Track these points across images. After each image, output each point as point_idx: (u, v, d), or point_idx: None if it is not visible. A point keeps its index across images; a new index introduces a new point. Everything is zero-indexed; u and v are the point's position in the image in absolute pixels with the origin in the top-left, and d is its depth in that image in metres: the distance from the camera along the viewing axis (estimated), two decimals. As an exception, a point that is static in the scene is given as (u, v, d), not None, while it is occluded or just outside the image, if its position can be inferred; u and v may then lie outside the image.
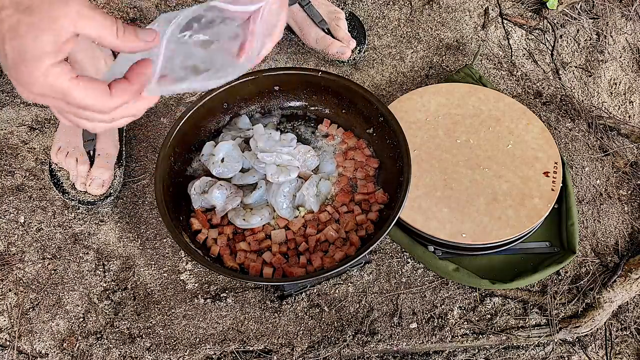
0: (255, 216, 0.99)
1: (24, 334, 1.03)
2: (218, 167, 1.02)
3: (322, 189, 1.05)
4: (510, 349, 1.04)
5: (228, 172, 1.03)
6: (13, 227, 1.13)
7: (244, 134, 1.09)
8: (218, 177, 1.03)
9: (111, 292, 1.07)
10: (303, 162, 1.04)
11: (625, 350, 1.05)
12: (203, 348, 1.02)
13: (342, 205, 1.03)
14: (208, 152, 1.05)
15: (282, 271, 0.97)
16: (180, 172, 1.06)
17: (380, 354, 1.03)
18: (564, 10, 1.41)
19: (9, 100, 1.29)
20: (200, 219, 1.01)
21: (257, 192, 1.02)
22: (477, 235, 1.02)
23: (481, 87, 1.21)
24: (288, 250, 1.00)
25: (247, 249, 0.99)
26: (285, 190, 1.01)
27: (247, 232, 1.01)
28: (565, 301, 1.07)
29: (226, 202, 1.00)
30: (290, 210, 1.02)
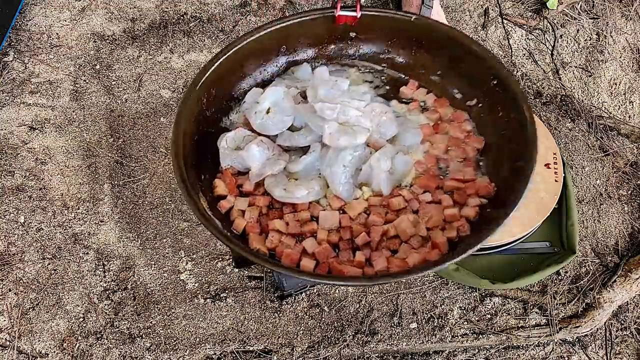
0: (301, 188, 0.75)
1: (24, 334, 1.03)
2: (261, 118, 0.78)
3: (399, 166, 0.78)
4: (510, 349, 1.04)
5: (273, 127, 0.79)
6: (13, 227, 1.13)
7: (301, 85, 0.84)
8: (259, 131, 0.80)
9: (111, 292, 1.07)
10: (376, 125, 0.79)
11: (625, 350, 1.05)
12: (203, 348, 1.02)
13: (425, 192, 0.78)
14: (252, 99, 0.81)
15: (328, 267, 0.72)
16: (214, 121, 0.82)
17: (380, 354, 1.02)
18: (564, 10, 1.41)
19: (9, 100, 1.29)
20: (227, 181, 0.77)
21: (308, 158, 0.77)
22: None
23: None
24: (340, 241, 0.75)
25: (283, 229, 0.75)
26: (347, 160, 0.76)
27: (286, 208, 0.77)
28: (565, 301, 1.07)
29: (265, 164, 0.76)
30: (349, 188, 0.77)
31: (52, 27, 1.41)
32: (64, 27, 1.41)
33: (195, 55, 1.38)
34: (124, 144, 1.25)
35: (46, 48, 1.37)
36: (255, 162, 0.77)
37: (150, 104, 1.31)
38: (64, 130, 1.26)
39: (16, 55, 1.36)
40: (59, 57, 1.36)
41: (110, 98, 1.32)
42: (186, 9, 1.44)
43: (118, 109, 1.30)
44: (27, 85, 1.32)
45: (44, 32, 1.40)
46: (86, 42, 1.39)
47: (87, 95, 1.31)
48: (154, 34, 1.41)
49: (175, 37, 1.41)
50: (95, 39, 1.39)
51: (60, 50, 1.37)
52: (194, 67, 1.36)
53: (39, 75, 1.33)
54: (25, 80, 1.32)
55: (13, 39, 1.38)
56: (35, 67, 1.34)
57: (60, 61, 1.36)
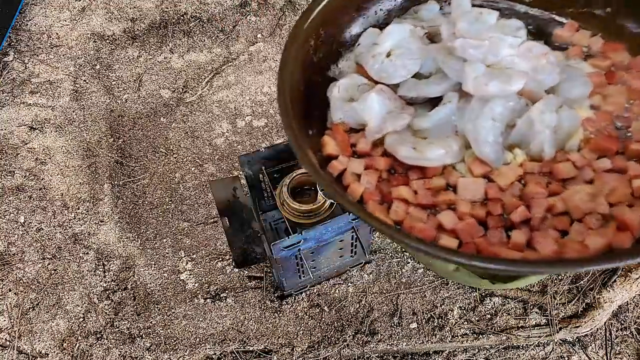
0: (435, 147, 0.58)
1: (24, 334, 1.03)
2: (380, 62, 0.63)
3: (564, 122, 0.60)
4: (510, 349, 1.03)
5: (395, 74, 0.63)
6: (13, 227, 1.13)
7: (427, 26, 0.68)
8: (377, 79, 0.65)
9: (111, 292, 1.07)
10: (532, 70, 0.61)
11: (625, 350, 1.05)
12: (203, 348, 1.02)
13: (601, 157, 0.60)
14: (369, 40, 0.66)
15: (476, 248, 0.56)
16: (321, 69, 0.68)
17: (380, 354, 1.02)
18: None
19: (9, 100, 1.29)
20: (339, 139, 0.62)
21: (443, 110, 0.60)
22: None
23: None
24: (488, 217, 0.58)
25: (411, 199, 0.59)
26: (497, 112, 0.58)
27: (412, 173, 0.61)
28: (565, 301, 1.07)
29: (386, 118, 0.61)
30: (498, 149, 0.59)
31: (52, 27, 1.41)
32: (64, 27, 1.41)
33: (195, 55, 1.38)
34: (124, 144, 1.25)
35: (46, 48, 1.37)
36: (374, 116, 0.61)
37: (150, 104, 1.31)
38: (64, 130, 1.26)
39: (16, 55, 1.36)
40: (59, 57, 1.36)
41: (110, 98, 1.32)
42: (186, 9, 1.44)
43: (118, 109, 1.30)
44: (27, 85, 1.32)
45: (44, 32, 1.40)
46: (86, 42, 1.39)
47: (87, 95, 1.31)
48: (154, 34, 1.41)
49: (175, 37, 1.41)
50: (95, 39, 1.39)
51: (60, 50, 1.37)
52: (193, 67, 1.36)
53: (39, 75, 1.33)
54: (25, 80, 1.32)
55: (13, 39, 1.38)
56: (35, 67, 1.34)
57: (60, 61, 1.36)
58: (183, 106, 1.30)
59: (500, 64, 0.59)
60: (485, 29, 0.61)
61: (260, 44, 1.39)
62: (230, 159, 1.22)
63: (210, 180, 1.19)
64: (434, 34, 0.66)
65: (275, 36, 1.40)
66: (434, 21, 0.67)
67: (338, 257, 1.01)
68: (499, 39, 0.59)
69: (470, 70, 0.57)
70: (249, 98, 1.31)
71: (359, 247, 0.99)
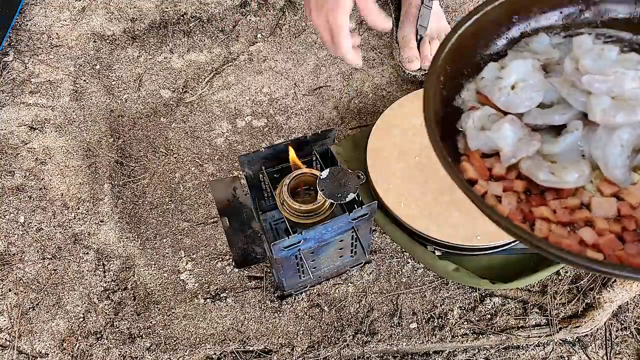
0: (571, 171, 0.65)
1: (24, 334, 1.03)
2: (506, 94, 0.70)
3: None
4: (510, 349, 1.04)
5: (521, 104, 0.71)
6: (13, 227, 1.13)
7: (543, 58, 0.75)
8: (504, 109, 0.72)
9: (111, 292, 1.07)
10: None
11: (625, 350, 1.05)
12: (203, 348, 1.02)
13: None
14: (492, 74, 0.73)
15: (618, 260, 0.63)
16: (448, 100, 0.76)
17: (380, 354, 1.02)
18: (564, 10, 1.41)
19: (9, 100, 1.29)
20: (476, 164, 0.70)
21: (570, 137, 0.67)
22: (492, 235, 1.01)
23: None
24: (624, 232, 0.65)
25: (552, 217, 0.66)
26: (624, 139, 0.65)
27: (548, 194, 0.68)
28: (565, 301, 1.07)
29: (518, 145, 0.69)
30: (625, 172, 0.66)
31: (52, 27, 1.41)
32: (64, 27, 1.41)
33: (195, 55, 1.38)
34: (124, 144, 1.25)
35: (46, 48, 1.37)
36: (509, 143, 0.68)
37: (150, 104, 1.31)
38: (64, 130, 1.26)
39: (16, 55, 1.36)
40: (59, 57, 1.36)
41: (110, 98, 1.32)
42: (186, 9, 1.44)
43: (118, 109, 1.30)
44: (27, 85, 1.32)
45: (44, 32, 1.40)
46: (86, 42, 1.39)
47: (87, 95, 1.31)
48: (154, 34, 1.41)
49: (175, 37, 1.41)
50: (95, 39, 1.39)
51: (60, 50, 1.37)
52: (193, 67, 1.36)
53: (39, 75, 1.33)
54: (25, 80, 1.32)
55: (13, 39, 1.38)
56: (35, 67, 1.34)
57: (60, 61, 1.36)
58: (183, 106, 1.30)
59: (624, 95, 0.65)
60: (608, 65, 0.67)
61: (260, 44, 1.39)
62: (230, 159, 1.22)
63: (210, 180, 1.19)
64: (547, 65, 0.73)
65: (275, 36, 1.40)
66: (548, 53, 0.74)
67: (338, 257, 1.01)
68: (622, 73, 0.66)
69: (597, 103, 0.65)
70: (249, 98, 1.31)
71: (359, 247, 0.99)
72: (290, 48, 1.38)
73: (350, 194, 0.87)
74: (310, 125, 1.27)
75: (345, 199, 0.87)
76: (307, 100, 1.31)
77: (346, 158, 1.18)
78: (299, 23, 1.42)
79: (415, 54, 1.25)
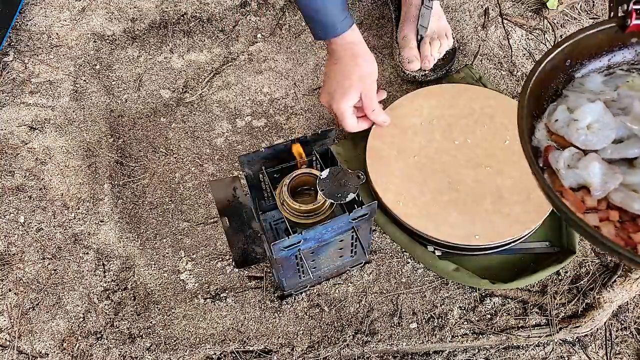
0: None
1: (24, 334, 1.03)
2: (584, 135, 0.80)
3: None
4: (510, 349, 1.04)
5: (598, 142, 0.81)
6: (13, 227, 1.13)
7: (603, 98, 0.86)
8: (583, 148, 0.82)
9: (111, 292, 1.07)
10: None
11: (625, 350, 1.05)
12: (203, 348, 1.02)
13: None
14: (564, 117, 0.83)
15: None
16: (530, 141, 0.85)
17: (380, 354, 1.02)
18: (564, 10, 1.41)
19: (9, 100, 1.29)
20: (571, 199, 0.79)
21: None
22: (490, 235, 1.01)
23: (469, 85, 1.21)
24: None
25: None
26: None
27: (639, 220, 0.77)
28: (565, 301, 1.07)
29: (604, 178, 0.78)
30: None
31: (52, 27, 1.41)
32: (64, 27, 1.41)
33: (195, 55, 1.38)
34: (124, 144, 1.25)
35: (46, 48, 1.37)
36: (597, 179, 0.78)
37: (150, 104, 1.31)
38: (64, 130, 1.26)
39: (16, 55, 1.36)
40: (59, 57, 1.36)
41: (110, 98, 1.32)
42: (186, 9, 1.44)
43: (118, 109, 1.30)
44: (27, 85, 1.32)
45: (44, 32, 1.40)
46: (86, 42, 1.39)
47: (87, 95, 1.31)
48: (154, 34, 1.41)
49: (175, 37, 1.41)
50: (95, 39, 1.39)
51: (60, 50, 1.37)
52: (193, 67, 1.36)
53: (39, 75, 1.33)
54: (25, 80, 1.32)
55: (13, 39, 1.38)
56: (35, 67, 1.34)
57: (60, 61, 1.36)
58: (183, 106, 1.30)
59: None
60: None
61: (260, 44, 1.39)
62: (230, 159, 1.22)
63: (210, 180, 1.19)
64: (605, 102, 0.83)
65: (275, 36, 1.40)
66: (602, 92, 0.85)
67: (338, 257, 1.01)
68: None
69: None
70: (249, 98, 1.31)
71: (359, 247, 0.99)
72: (290, 48, 1.38)
73: (350, 194, 0.87)
74: (310, 125, 1.27)
75: (345, 199, 0.87)
76: (307, 100, 1.31)
77: (346, 158, 1.18)
78: (299, 23, 1.42)
79: (416, 54, 1.25)
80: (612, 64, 0.90)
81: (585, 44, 0.86)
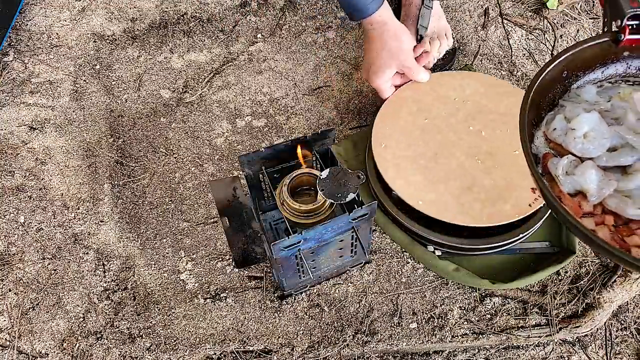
0: None
1: (24, 334, 1.03)
2: (581, 143, 0.86)
3: None
4: (510, 349, 1.04)
5: (594, 150, 0.86)
6: (13, 227, 1.13)
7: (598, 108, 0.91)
8: (580, 155, 0.86)
9: (111, 292, 1.07)
10: None
11: (625, 350, 1.05)
12: (203, 348, 1.02)
13: None
14: (561, 126, 0.88)
15: None
16: None
17: (380, 354, 1.02)
18: (564, 10, 1.41)
19: (9, 100, 1.29)
20: (569, 204, 0.84)
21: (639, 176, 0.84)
22: (431, 208, 1.01)
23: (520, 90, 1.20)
24: None
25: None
26: None
27: (632, 224, 0.82)
28: (565, 301, 1.07)
29: (600, 185, 0.83)
30: None
31: (52, 27, 1.41)
32: (64, 27, 1.41)
33: (195, 55, 1.38)
34: (124, 144, 1.25)
35: (46, 48, 1.37)
36: (593, 185, 0.83)
37: (150, 104, 1.31)
38: (64, 130, 1.26)
39: (16, 55, 1.36)
40: (59, 57, 1.36)
41: (110, 98, 1.32)
42: (186, 9, 1.44)
43: (118, 109, 1.30)
44: (27, 85, 1.32)
45: (44, 32, 1.40)
46: (86, 42, 1.39)
47: (87, 95, 1.31)
48: (154, 34, 1.41)
49: (175, 37, 1.41)
50: (95, 39, 1.39)
51: (60, 50, 1.37)
52: (193, 67, 1.36)
53: (39, 75, 1.33)
54: (25, 80, 1.32)
55: (13, 39, 1.38)
56: (35, 67, 1.34)
57: (60, 61, 1.36)
58: (183, 106, 1.30)
59: None
60: None
61: (260, 44, 1.39)
62: (230, 159, 1.22)
63: (210, 180, 1.19)
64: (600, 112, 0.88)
65: (275, 36, 1.40)
66: (598, 103, 0.90)
67: (338, 257, 1.01)
68: None
69: None
70: (248, 98, 1.31)
71: (359, 247, 0.99)
72: (290, 48, 1.38)
73: (350, 194, 0.87)
74: (310, 125, 1.27)
75: (345, 199, 0.87)
76: (307, 100, 1.31)
77: (346, 158, 1.18)
78: (299, 23, 1.42)
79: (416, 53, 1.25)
80: (606, 76, 0.95)
81: (582, 56, 0.90)
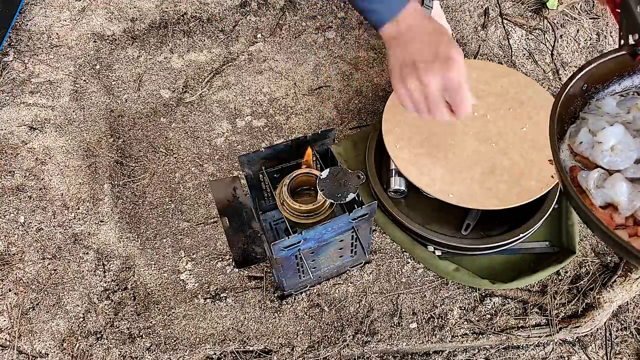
0: None
1: (24, 334, 1.03)
2: (608, 156, 0.87)
3: None
4: (510, 349, 1.04)
5: (621, 163, 0.87)
6: (13, 227, 1.13)
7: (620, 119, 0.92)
8: (607, 168, 0.88)
9: (111, 292, 1.07)
10: None
11: (625, 350, 1.05)
12: (203, 348, 1.02)
13: None
14: (587, 139, 0.89)
15: None
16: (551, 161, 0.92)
17: (380, 354, 1.03)
18: (564, 10, 1.41)
19: (9, 100, 1.29)
20: (602, 217, 0.85)
21: None
22: (463, 198, 1.01)
23: (515, 70, 1.21)
24: None
25: None
26: None
27: None
28: (565, 301, 1.07)
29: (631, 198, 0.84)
30: None
31: (52, 27, 1.41)
32: (64, 27, 1.41)
33: (195, 55, 1.38)
34: (124, 144, 1.25)
35: (46, 48, 1.37)
36: (624, 197, 0.84)
37: (150, 104, 1.31)
38: (64, 130, 1.26)
39: (16, 55, 1.36)
40: (59, 57, 1.36)
41: (110, 98, 1.32)
42: (186, 9, 1.44)
43: (118, 109, 1.30)
44: (27, 85, 1.32)
45: (44, 32, 1.40)
46: (86, 42, 1.39)
47: (87, 95, 1.31)
48: (154, 34, 1.41)
49: (175, 37, 1.41)
50: (95, 39, 1.39)
51: (60, 50, 1.37)
52: (193, 67, 1.36)
53: (39, 75, 1.33)
54: (25, 80, 1.32)
55: (13, 39, 1.38)
56: (35, 67, 1.34)
57: (60, 61, 1.36)
58: (183, 106, 1.30)
59: None
60: None
61: (260, 44, 1.39)
62: (230, 159, 1.22)
63: (210, 180, 1.19)
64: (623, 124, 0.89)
65: (275, 36, 1.40)
66: (619, 115, 0.91)
67: (338, 257, 1.01)
68: None
69: None
70: (249, 98, 1.31)
71: (359, 247, 0.99)
72: (290, 48, 1.38)
73: (350, 194, 0.87)
74: (310, 125, 1.27)
75: (345, 199, 0.87)
76: (307, 100, 1.31)
77: (346, 158, 1.18)
78: (299, 23, 1.42)
79: None
80: (623, 88, 0.95)
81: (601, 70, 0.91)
